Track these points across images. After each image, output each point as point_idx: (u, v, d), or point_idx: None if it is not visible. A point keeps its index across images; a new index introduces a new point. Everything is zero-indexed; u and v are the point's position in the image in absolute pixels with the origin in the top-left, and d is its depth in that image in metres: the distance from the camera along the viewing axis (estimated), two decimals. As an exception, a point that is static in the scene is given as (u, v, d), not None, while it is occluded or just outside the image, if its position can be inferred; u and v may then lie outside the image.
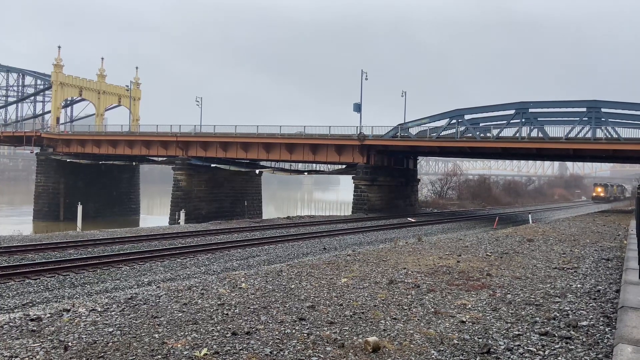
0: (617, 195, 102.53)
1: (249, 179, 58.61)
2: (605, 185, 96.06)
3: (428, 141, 43.90)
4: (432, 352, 5.81)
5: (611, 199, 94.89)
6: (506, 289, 9.32)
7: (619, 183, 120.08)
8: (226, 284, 9.80)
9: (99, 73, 71.28)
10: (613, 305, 7.90)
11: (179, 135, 53.16)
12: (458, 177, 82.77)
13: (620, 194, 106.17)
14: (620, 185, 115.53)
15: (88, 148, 59.87)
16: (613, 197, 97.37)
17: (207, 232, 27.30)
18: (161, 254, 18.94)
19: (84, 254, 18.82)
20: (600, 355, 5.64)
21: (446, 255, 14.07)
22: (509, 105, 41.12)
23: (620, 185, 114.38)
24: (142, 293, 9.11)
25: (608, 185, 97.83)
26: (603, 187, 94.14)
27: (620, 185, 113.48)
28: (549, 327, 6.77)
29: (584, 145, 39.18)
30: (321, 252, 20.60)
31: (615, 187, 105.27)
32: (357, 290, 9.10)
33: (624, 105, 37.96)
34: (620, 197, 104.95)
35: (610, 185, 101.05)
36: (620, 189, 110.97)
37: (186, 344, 6.03)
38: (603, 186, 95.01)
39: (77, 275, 15.28)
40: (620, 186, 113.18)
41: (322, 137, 47.19)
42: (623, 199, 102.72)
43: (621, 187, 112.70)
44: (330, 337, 6.33)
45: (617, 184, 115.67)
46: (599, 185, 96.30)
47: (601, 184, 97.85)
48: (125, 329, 6.64)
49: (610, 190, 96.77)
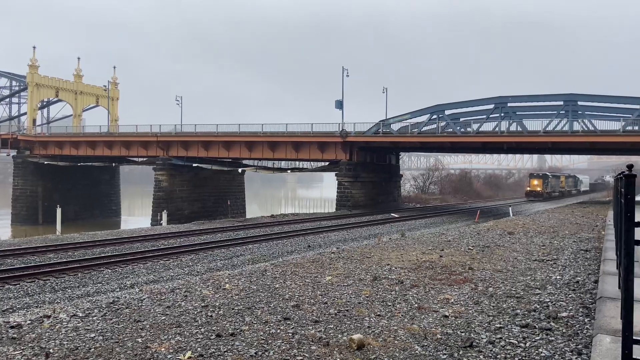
0: (566, 189, 79.65)
1: (232, 178, 58.29)
2: (543, 177, 70.84)
3: (410, 137, 44.21)
4: (415, 348, 5.86)
5: (555, 195, 72.61)
6: (488, 282, 9.45)
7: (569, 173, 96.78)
8: (210, 285, 9.74)
9: (75, 73, 70.06)
10: (592, 296, 8.07)
11: (160, 135, 52.59)
12: (440, 172, 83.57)
13: (572, 187, 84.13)
14: (573, 176, 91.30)
15: (66, 150, 58.88)
16: (559, 192, 75.18)
17: (190, 232, 27.09)
18: (143, 256, 18.75)
19: (65, 258, 18.53)
20: (580, 345, 5.76)
21: (429, 250, 14.20)
22: (488, 100, 41.63)
23: (573, 176, 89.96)
24: (125, 297, 9.01)
25: (549, 177, 72.71)
26: (540, 180, 69.27)
27: (572, 176, 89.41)
28: (529, 319, 6.89)
29: (561, 138, 39.85)
30: (305, 250, 20.61)
31: (564, 178, 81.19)
32: (341, 288, 9.13)
33: (600, 98, 38.71)
34: (572, 191, 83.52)
35: (553, 176, 76.70)
36: (573, 180, 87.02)
37: (170, 347, 5.99)
38: (541, 178, 70.16)
39: (58, 280, 15.05)
40: (572, 177, 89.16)
41: (304, 135, 47.16)
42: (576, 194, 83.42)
43: (574, 179, 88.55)
44: (315, 336, 6.34)
45: (567, 174, 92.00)
46: (535, 177, 70.91)
47: (539, 175, 72.87)
48: (108, 334, 6.56)
49: (552, 183, 72.44)
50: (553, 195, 71.64)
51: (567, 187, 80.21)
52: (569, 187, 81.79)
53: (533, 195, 68.20)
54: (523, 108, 41.54)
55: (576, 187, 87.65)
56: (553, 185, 72.61)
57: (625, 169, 4.12)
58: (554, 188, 73.10)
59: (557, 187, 75.01)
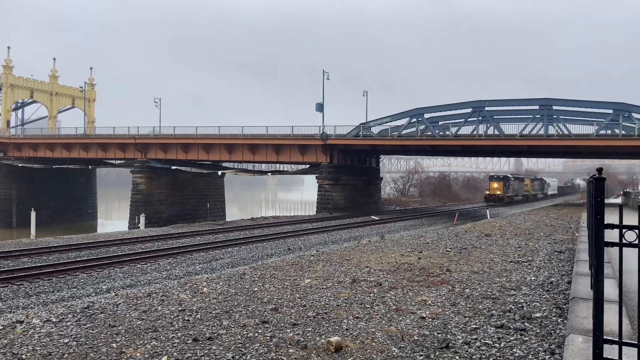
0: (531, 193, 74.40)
1: (212, 181, 57.88)
2: (504, 180, 63.64)
3: (390, 140, 44.53)
4: (393, 349, 5.90)
5: (518, 199, 66.65)
6: (464, 283, 9.57)
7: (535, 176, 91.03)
8: (187, 289, 9.65)
9: (51, 74, 68.79)
10: (565, 297, 8.23)
11: (138, 137, 51.91)
12: (419, 175, 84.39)
13: (538, 191, 79.25)
14: (539, 178, 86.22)
15: (41, 152, 57.71)
16: (523, 196, 69.75)
17: (169, 236, 26.78)
18: (120, 260, 18.46)
19: (39, 262, 18.14)
20: (553, 345, 5.87)
21: (408, 252, 14.31)
22: (466, 104, 42.21)
23: (539, 179, 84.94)
24: (100, 301, 8.86)
25: (510, 179, 65.64)
26: (501, 182, 62.65)
27: (538, 179, 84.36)
28: (504, 319, 6.99)
29: (537, 141, 40.62)
30: (285, 253, 20.57)
31: (529, 181, 75.53)
32: (320, 291, 9.13)
33: (574, 102, 39.60)
34: (538, 195, 79.03)
35: (516, 179, 70.26)
36: (539, 183, 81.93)
37: (145, 352, 5.91)
38: (501, 180, 63.35)
39: (32, 285, 14.73)
40: (539, 180, 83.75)
41: (285, 138, 47.11)
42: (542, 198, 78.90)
43: (540, 182, 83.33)
44: (293, 339, 6.33)
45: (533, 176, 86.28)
46: (496, 180, 63.88)
47: (499, 177, 65.51)
48: (82, 340, 6.44)
49: (514, 186, 66.15)
50: (516, 200, 65.67)
51: (532, 191, 75.52)
52: (534, 190, 77.32)
53: (492, 199, 61.26)
54: (500, 112, 42.26)
55: (543, 190, 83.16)
56: (516, 189, 67.11)
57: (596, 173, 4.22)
58: (517, 192, 67.58)
59: (521, 191, 69.75)
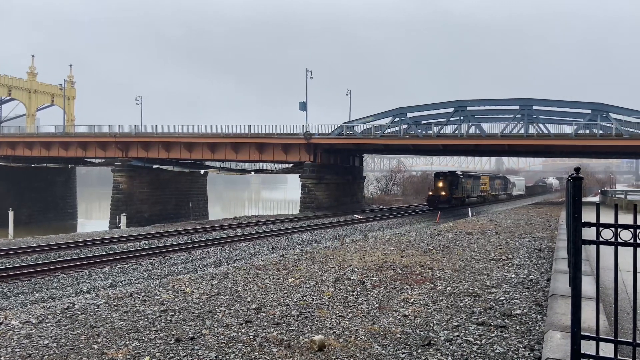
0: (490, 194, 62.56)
1: (194, 180, 57.43)
2: (452, 177, 51.02)
3: (373, 139, 44.73)
4: (376, 347, 5.94)
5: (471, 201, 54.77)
6: (447, 281, 9.67)
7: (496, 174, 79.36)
8: (170, 289, 9.57)
9: (29, 71, 67.48)
10: (544, 294, 8.38)
11: (119, 136, 51.27)
12: (402, 174, 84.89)
13: (499, 192, 67.37)
14: (501, 177, 73.70)
15: (19, 150, 56.61)
16: (477, 197, 57.57)
17: (150, 235, 26.51)
18: (101, 260, 18.23)
19: (17, 263, 17.80)
20: (533, 342, 5.97)
21: (391, 250, 14.40)
22: (449, 104, 42.64)
23: (501, 177, 72.85)
24: (80, 302, 8.74)
25: (460, 177, 52.83)
26: (446, 182, 49.80)
27: (500, 177, 72.11)
28: (485, 317, 7.09)
29: (517, 141, 41.21)
30: (269, 252, 20.52)
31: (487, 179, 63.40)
32: (303, 290, 9.14)
33: (554, 102, 40.28)
34: (500, 195, 67.27)
35: (469, 177, 57.32)
36: (501, 182, 69.75)
37: (127, 353, 5.85)
38: (448, 178, 50.51)
39: (10, 286, 14.46)
40: (501, 178, 71.84)
41: (268, 137, 46.99)
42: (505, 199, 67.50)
43: (503, 180, 71.18)
44: (276, 338, 6.33)
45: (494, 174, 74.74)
46: (442, 177, 50.56)
47: (445, 174, 51.77)
48: (62, 341, 6.35)
49: (466, 186, 53.96)
50: (467, 202, 53.20)
51: (491, 191, 63.71)
52: (494, 190, 65.41)
53: (436, 202, 48.79)
54: (481, 112, 42.77)
55: (506, 190, 71.34)
56: (468, 189, 54.83)
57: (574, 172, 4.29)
58: (470, 192, 55.31)
59: (475, 191, 57.33)
